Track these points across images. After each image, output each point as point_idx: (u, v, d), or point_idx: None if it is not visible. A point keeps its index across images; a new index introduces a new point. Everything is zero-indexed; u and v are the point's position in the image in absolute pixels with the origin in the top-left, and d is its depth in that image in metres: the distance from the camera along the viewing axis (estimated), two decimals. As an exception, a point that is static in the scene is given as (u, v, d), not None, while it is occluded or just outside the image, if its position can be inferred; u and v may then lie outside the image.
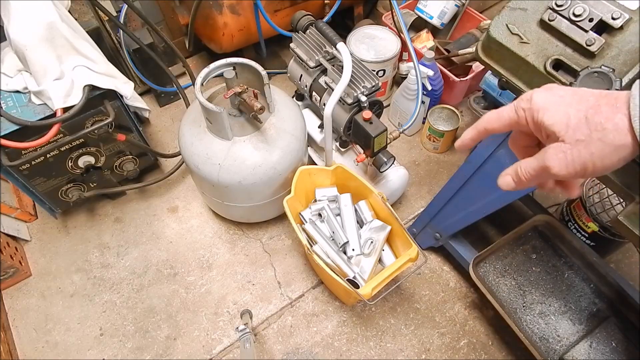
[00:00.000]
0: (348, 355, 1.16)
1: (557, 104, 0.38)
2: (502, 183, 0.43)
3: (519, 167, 0.41)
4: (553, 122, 0.38)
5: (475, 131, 0.46)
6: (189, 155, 1.11)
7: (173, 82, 1.42)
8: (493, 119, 0.43)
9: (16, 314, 1.23)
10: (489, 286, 1.05)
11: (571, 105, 0.38)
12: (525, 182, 0.41)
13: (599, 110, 0.36)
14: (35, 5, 0.93)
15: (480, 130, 0.45)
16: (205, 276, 1.29)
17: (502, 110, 0.43)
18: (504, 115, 0.42)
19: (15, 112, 1.02)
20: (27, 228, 1.37)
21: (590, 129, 0.36)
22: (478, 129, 0.45)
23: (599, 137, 0.35)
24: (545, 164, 0.38)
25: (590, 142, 0.36)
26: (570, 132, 0.37)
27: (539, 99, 0.39)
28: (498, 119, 0.43)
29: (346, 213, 1.14)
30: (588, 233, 1.15)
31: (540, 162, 0.39)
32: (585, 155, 0.36)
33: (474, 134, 0.46)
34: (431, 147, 1.52)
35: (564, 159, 0.37)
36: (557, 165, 0.37)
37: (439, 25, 1.60)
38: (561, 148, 0.37)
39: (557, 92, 0.39)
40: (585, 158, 0.36)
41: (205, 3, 1.37)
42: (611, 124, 0.35)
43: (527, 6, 0.69)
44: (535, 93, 0.40)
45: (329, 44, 1.12)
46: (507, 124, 0.42)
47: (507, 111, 0.42)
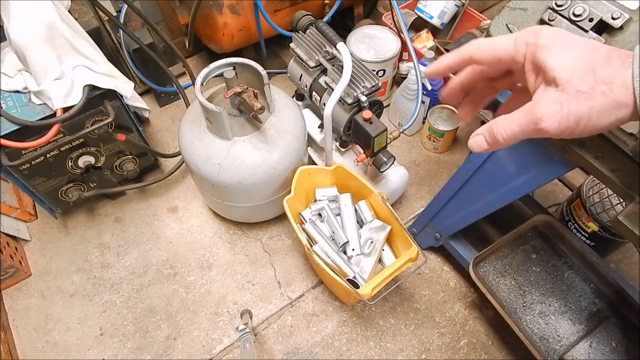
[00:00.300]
0: (348, 355, 1.16)
1: (566, 47, 0.34)
2: (473, 144, 0.38)
3: (496, 124, 0.36)
4: (556, 66, 0.34)
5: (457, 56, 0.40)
6: (189, 155, 1.11)
7: (173, 82, 1.42)
8: (484, 47, 0.38)
9: (16, 314, 1.23)
10: (489, 286, 1.05)
11: (581, 53, 0.34)
12: (502, 142, 0.36)
13: (610, 62, 0.33)
14: (35, 5, 0.93)
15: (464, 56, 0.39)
16: (205, 276, 1.29)
17: (498, 39, 0.37)
18: (498, 45, 0.37)
19: (15, 112, 1.02)
20: (27, 228, 1.37)
21: (597, 80, 0.33)
22: (461, 54, 0.40)
23: (603, 90, 0.32)
24: (536, 117, 0.34)
25: (593, 94, 0.33)
26: (573, 81, 0.33)
27: (548, 35, 0.35)
28: (490, 48, 0.38)
29: (346, 213, 1.14)
30: (588, 233, 1.15)
31: (530, 114, 0.34)
32: (584, 108, 0.33)
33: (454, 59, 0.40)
34: (431, 147, 1.52)
35: (559, 111, 0.33)
36: (549, 117, 0.33)
37: (439, 25, 1.60)
38: (558, 98, 0.33)
39: (570, 36, 0.35)
40: (582, 112, 0.33)
41: (205, 3, 1.37)
42: (620, 78, 0.32)
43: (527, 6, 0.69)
44: (546, 28, 0.35)
45: (329, 44, 1.12)
46: (499, 55, 0.37)
47: (504, 42, 0.37)
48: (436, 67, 0.42)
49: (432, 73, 0.42)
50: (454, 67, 0.41)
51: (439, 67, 0.42)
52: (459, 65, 0.41)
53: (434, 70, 0.42)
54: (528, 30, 0.36)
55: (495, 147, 0.37)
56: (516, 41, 0.36)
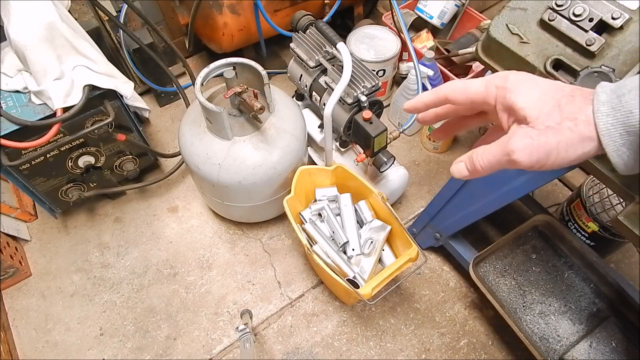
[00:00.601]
0: (348, 355, 1.16)
1: (533, 88, 0.37)
2: (454, 171, 0.41)
3: (476, 154, 0.39)
4: (525, 106, 0.37)
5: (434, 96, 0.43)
6: (189, 155, 1.11)
7: (173, 82, 1.42)
8: (458, 89, 0.41)
9: (16, 314, 1.23)
10: (489, 286, 1.05)
11: (547, 92, 0.37)
12: (480, 170, 0.39)
13: (574, 100, 0.36)
14: (35, 5, 0.93)
15: (440, 96, 0.42)
16: (205, 276, 1.29)
17: (470, 82, 0.40)
18: (470, 88, 0.40)
19: (15, 112, 1.02)
20: (27, 228, 1.37)
21: (562, 117, 0.35)
22: (438, 94, 0.43)
23: (569, 126, 0.35)
24: (508, 148, 0.36)
25: (560, 129, 0.35)
26: (541, 118, 0.36)
27: (515, 79, 0.38)
28: (463, 91, 0.41)
29: (346, 213, 1.14)
30: (588, 233, 1.15)
31: (503, 147, 0.37)
32: (552, 142, 0.35)
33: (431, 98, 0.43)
34: (431, 147, 1.52)
35: (529, 145, 0.36)
36: (521, 150, 0.36)
37: (439, 25, 1.60)
38: (529, 133, 0.36)
39: (535, 78, 0.38)
40: (551, 146, 0.35)
41: (205, 3, 1.37)
42: (583, 115, 0.35)
43: (527, 6, 0.69)
44: (513, 74, 0.39)
45: (329, 44, 1.12)
46: (471, 98, 0.40)
47: (476, 85, 0.40)
48: (414, 104, 0.45)
49: (411, 109, 0.46)
50: (431, 105, 0.44)
51: (417, 104, 0.45)
52: (436, 104, 0.44)
53: (413, 106, 0.45)
54: (497, 75, 0.39)
55: (475, 175, 0.40)
56: (487, 85, 0.39)
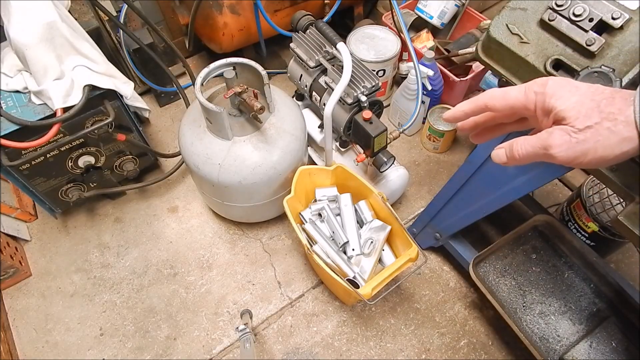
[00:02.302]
0: (348, 355, 1.16)
1: (572, 92, 0.38)
2: (494, 155, 0.43)
3: (516, 142, 0.41)
4: (565, 108, 0.37)
5: (473, 105, 0.44)
6: (189, 155, 1.11)
7: (173, 82, 1.42)
8: (498, 96, 0.42)
9: (16, 314, 1.23)
10: (489, 286, 1.05)
11: (586, 94, 0.37)
12: (517, 159, 0.41)
13: (613, 101, 0.36)
14: (35, 5, 0.93)
15: (480, 105, 0.44)
16: (205, 276, 1.29)
17: (510, 89, 0.41)
18: (510, 95, 0.41)
19: (15, 112, 1.02)
20: (27, 228, 1.37)
21: (602, 117, 0.36)
22: (477, 103, 0.44)
23: (608, 126, 0.36)
24: (547, 143, 0.38)
25: (600, 129, 0.36)
26: (581, 118, 0.36)
27: (554, 84, 0.39)
28: (503, 98, 0.42)
29: (346, 213, 1.14)
30: (588, 233, 1.15)
31: (542, 141, 0.38)
32: (591, 141, 0.36)
33: (470, 107, 0.44)
34: (431, 147, 1.52)
35: (568, 141, 0.37)
36: (559, 147, 0.37)
37: (439, 25, 1.60)
38: (568, 131, 0.37)
39: (573, 82, 0.39)
40: (589, 144, 0.36)
41: (205, 3, 1.37)
42: (623, 115, 0.35)
43: (527, 6, 0.69)
44: (552, 79, 0.40)
45: (329, 44, 1.12)
46: (511, 104, 0.41)
47: (515, 92, 0.41)
48: (454, 114, 0.46)
49: (451, 119, 0.47)
50: (470, 114, 0.45)
51: (456, 113, 0.46)
52: (475, 112, 0.45)
53: (452, 116, 0.47)
54: (535, 82, 0.40)
55: (512, 163, 0.41)
56: (526, 92, 0.40)
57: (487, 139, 0.50)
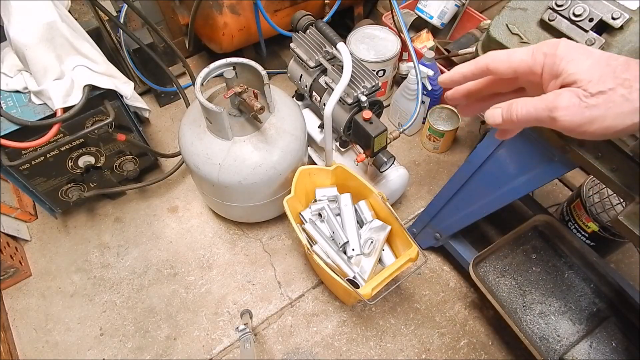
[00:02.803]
0: (348, 355, 1.16)
1: (586, 55, 0.35)
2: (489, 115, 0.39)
3: (516, 102, 0.37)
4: (577, 71, 0.34)
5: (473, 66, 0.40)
6: (189, 155, 1.11)
7: (173, 82, 1.42)
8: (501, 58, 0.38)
9: (16, 314, 1.23)
10: (489, 286, 1.05)
11: (600, 60, 0.34)
12: (515, 120, 0.37)
13: (629, 68, 0.33)
14: (35, 5, 0.93)
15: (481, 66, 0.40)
16: (205, 276, 1.29)
17: (515, 51, 0.38)
18: (515, 57, 0.38)
19: (15, 112, 1.02)
20: (27, 228, 1.37)
21: (617, 83, 0.33)
22: (478, 65, 0.40)
23: (623, 93, 0.33)
24: (553, 104, 0.34)
25: (613, 96, 0.33)
26: (594, 82, 0.33)
27: (566, 46, 0.36)
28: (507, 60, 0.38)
29: (346, 213, 1.14)
30: (588, 233, 1.15)
31: (548, 102, 0.35)
32: (602, 108, 0.33)
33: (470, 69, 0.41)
34: (431, 147, 1.52)
35: (577, 104, 0.33)
36: (565, 109, 0.34)
37: (439, 25, 1.60)
38: (579, 93, 0.34)
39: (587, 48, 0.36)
40: (599, 111, 0.33)
41: (205, 3, 1.37)
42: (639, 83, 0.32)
43: (527, 6, 0.69)
44: (564, 41, 0.36)
45: (329, 44, 1.12)
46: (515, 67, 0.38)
47: (521, 53, 0.37)
48: (451, 76, 0.42)
49: (447, 81, 0.43)
50: (470, 76, 0.41)
51: (454, 75, 0.42)
52: (475, 75, 0.41)
53: (449, 78, 0.42)
54: (546, 43, 0.37)
55: (508, 125, 0.38)
56: (534, 53, 0.37)
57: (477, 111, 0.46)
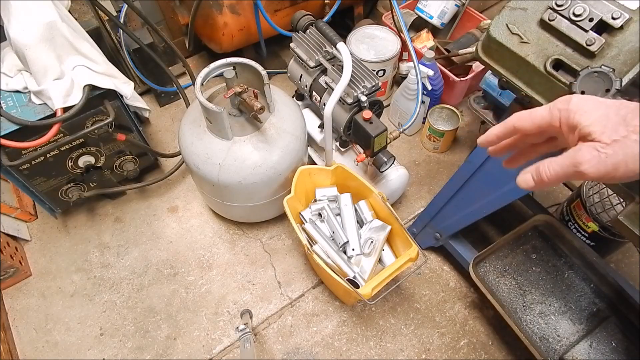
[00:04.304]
0: (348, 355, 1.16)
1: (596, 107, 0.38)
2: (521, 181, 0.42)
3: (542, 165, 0.41)
4: (591, 123, 0.37)
5: (503, 128, 0.45)
6: (189, 155, 1.11)
7: (173, 82, 1.42)
8: (525, 117, 0.43)
9: (16, 314, 1.23)
10: (489, 286, 1.05)
11: (610, 108, 0.38)
12: (546, 181, 0.40)
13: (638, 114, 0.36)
14: (35, 5, 0.93)
15: (509, 127, 0.44)
16: (205, 276, 1.29)
17: (535, 109, 0.43)
18: (536, 115, 0.42)
19: (15, 112, 1.02)
20: (27, 228, 1.37)
21: (628, 130, 0.36)
22: (506, 126, 0.45)
23: (635, 138, 0.35)
24: (576, 161, 0.38)
25: (627, 142, 0.36)
26: (607, 132, 0.36)
27: (578, 100, 0.39)
28: (529, 118, 0.43)
29: (346, 213, 1.14)
30: (588, 233, 1.15)
31: (571, 159, 0.38)
32: (620, 155, 0.36)
33: (501, 131, 0.45)
34: (431, 147, 1.52)
35: (597, 157, 0.36)
36: (588, 162, 0.37)
37: (439, 25, 1.60)
38: (595, 146, 0.37)
39: (597, 99, 0.39)
40: (619, 158, 0.36)
41: (205, 3, 1.37)
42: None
43: (527, 6, 0.69)
44: (576, 96, 0.40)
45: (329, 44, 1.12)
46: (538, 123, 0.42)
47: (541, 111, 0.42)
48: (487, 139, 0.47)
49: (484, 143, 0.48)
50: (502, 136, 0.46)
51: (489, 137, 0.47)
52: (506, 135, 0.46)
53: (485, 140, 0.48)
54: (559, 100, 0.41)
55: (540, 186, 0.41)
56: (550, 109, 0.41)
57: (520, 163, 0.51)
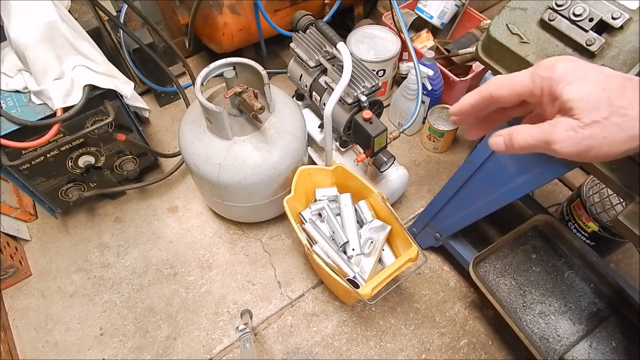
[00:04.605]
0: (348, 355, 1.16)
1: (581, 78, 0.36)
2: (492, 143, 0.41)
3: (516, 131, 0.39)
4: (573, 97, 0.35)
5: (478, 96, 0.42)
6: (189, 155, 1.11)
7: (173, 82, 1.42)
8: (503, 84, 0.40)
9: (16, 314, 1.23)
10: (489, 286, 1.05)
11: (595, 83, 0.35)
12: (516, 148, 0.39)
13: (625, 92, 0.34)
14: (35, 5, 0.93)
15: (485, 95, 0.41)
16: (205, 276, 1.29)
17: (515, 75, 0.39)
18: (516, 81, 0.39)
19: (15, 112, 1.02)
20: (27, 228, 1.37)
21: (611, 111, 0.34)
22: (482, 93, 0.42)
23: (617, 122, 0.34)
24: (550, 138, 0.36)
25: (608, 125, 0.34)
26: (588, 111, 0.34)
27: (563, 69, 0.37)
28: (509, 85, 0.39)
29: (346, 213, 1.14)
30: (588, 233, 1.15)
31: (545, 134, 0.36)
32: (597, 137, 0.34)
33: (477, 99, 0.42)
34: (431, 147, 1.52)
35: (573, 137, 0.35)
36: (563, 141, 0.35)
37: (439, 25, 1.60)
38: (573, 124, 0.35)
39: (583, 67, 0.36)
40: (595, 140, 0.34)
41: (205, 3, 1.37)
42: (633, 110, 0.33)
43: (527, 6, 0.69)
44: (560, 62, 0.37)
45: (329, 44, 1.12)
46: (517, 91, 0.39)
47: (521, 77, 0.39)
48: (460, 107, 0.44)
49: (457, 112, 0.44)
50: (477, 106, 0.43)
51: (462, 106, 0.44)
52: (482, 104, 0.42)
53: (458, 110, 0.44)
54: (542, 65, 0.38)
55: (510, 151, 0.39)
56: (533, 77, 0.38)
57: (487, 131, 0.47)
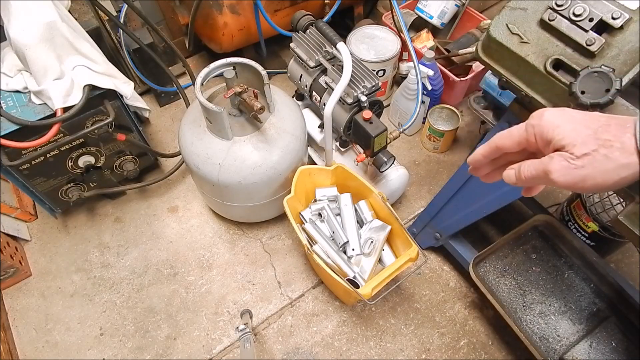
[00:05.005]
0: (348, 355, 1.16)
1: (568, 121, 0.40)
2: (506, 176, 0.46)
3: (524, 165, 0.43)
4: (563, 137, 0.39)
5: (487, 147, 0.48)
6: (189, 155, 1.11)
7: (173, 82, 1.42)
8: (504, 136, 0.46)
9: (16, 314, 1.23)
10: (489, 286, 1.05)
11: (582, 122, 0.39)
12: (524, 179, 0.43)
13: (609, 128, 0.38)
14: (35, 5, 0.93)
15: (492, 147, 0.47)
16: (205, 276, 1.29)
17: (513, 128, 0.45)
18: (514, 133, 0.44)
19: (15, 112, 1.02)
20: (27, 228, 1.37)
21: (598, 144, 0.37)
22: (490, 145, 0.48)
23: (605, 153, 0.37)
24: (547, 168, 0.40)
25: (596, 156, 0.37)
26: (578, 146, 0.38)
27: (550, 115, 0.41)
28: (509, 137, 0.45)
29: (346, 213, 1.14)
30: (588, 233, 1.15)
31: (544, 165, 0.40)
32: (589, 168, 0.38)
33: (485, 150, 0.48)
34: (431, 147, 1.52)
35: (566, 167, 0.39)
36: (557, 172, 0.39)
37: (439, 25, 1.60)
38: (566, 156, 0.39)
39: (569, 112, 0.41)
40: (587, 171, 0.38)
41: (205, 3, 1.37)
42: (619, 142, 0.37)
43: (527, 6, 0.69)
44: (547, 111, 0.42)
45: (329, 44, 1.12)
46: (516, 141, 0.44)
47: (518, 129, 0.44)
48: (474, 158, 0.50)
49: (472, 162, 0.51)
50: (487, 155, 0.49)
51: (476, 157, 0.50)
52: (491, 154, 0.48)
53: (474, 160, 0.51)
54: (532, 116, 0.43)
55: (520, 183, 0.45)
56: (526, 127, 0.43)
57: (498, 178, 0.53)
